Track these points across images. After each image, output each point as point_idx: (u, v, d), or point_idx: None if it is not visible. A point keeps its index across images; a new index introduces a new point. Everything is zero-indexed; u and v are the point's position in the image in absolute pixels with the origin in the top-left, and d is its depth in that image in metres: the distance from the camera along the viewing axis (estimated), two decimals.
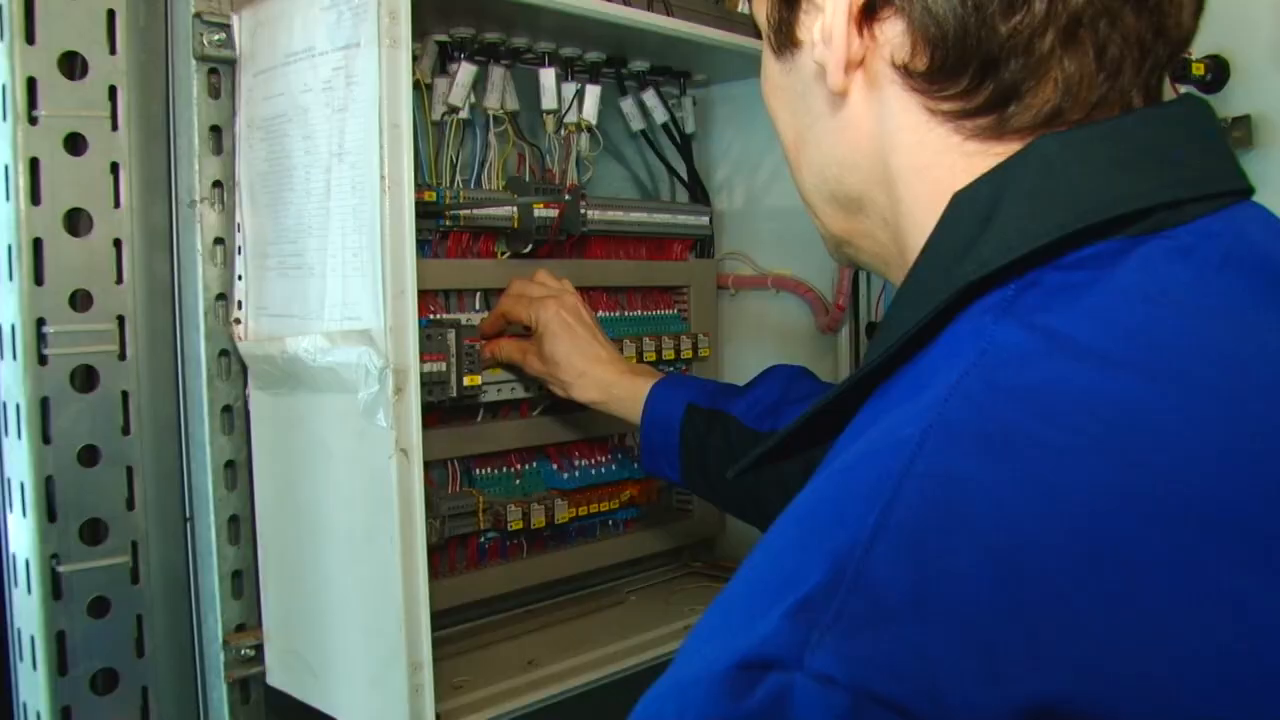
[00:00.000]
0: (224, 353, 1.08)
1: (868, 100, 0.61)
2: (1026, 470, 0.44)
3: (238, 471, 1.10)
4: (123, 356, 0.92)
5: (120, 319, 0.91)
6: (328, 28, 0.97)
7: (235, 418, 1.09)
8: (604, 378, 1.20)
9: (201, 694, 1.11)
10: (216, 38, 1.06)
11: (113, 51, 0.90)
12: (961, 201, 0.56)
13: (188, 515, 1.09)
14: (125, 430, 0.92)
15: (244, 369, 1.09)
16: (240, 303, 1.08)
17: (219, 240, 1.08)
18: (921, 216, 0.60)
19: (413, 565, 0.95)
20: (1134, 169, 0.53)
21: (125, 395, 0.91)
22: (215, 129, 1.08)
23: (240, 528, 1.10)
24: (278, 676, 1.10)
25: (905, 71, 0.58)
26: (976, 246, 0.53)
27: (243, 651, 1.10)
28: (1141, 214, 0.52)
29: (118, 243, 0.91)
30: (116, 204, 0.91)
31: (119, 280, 0.91)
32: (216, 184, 1.08)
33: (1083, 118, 0.55)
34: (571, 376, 1.19)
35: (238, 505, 1.10)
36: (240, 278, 1.08)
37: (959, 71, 0.55)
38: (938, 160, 0.59)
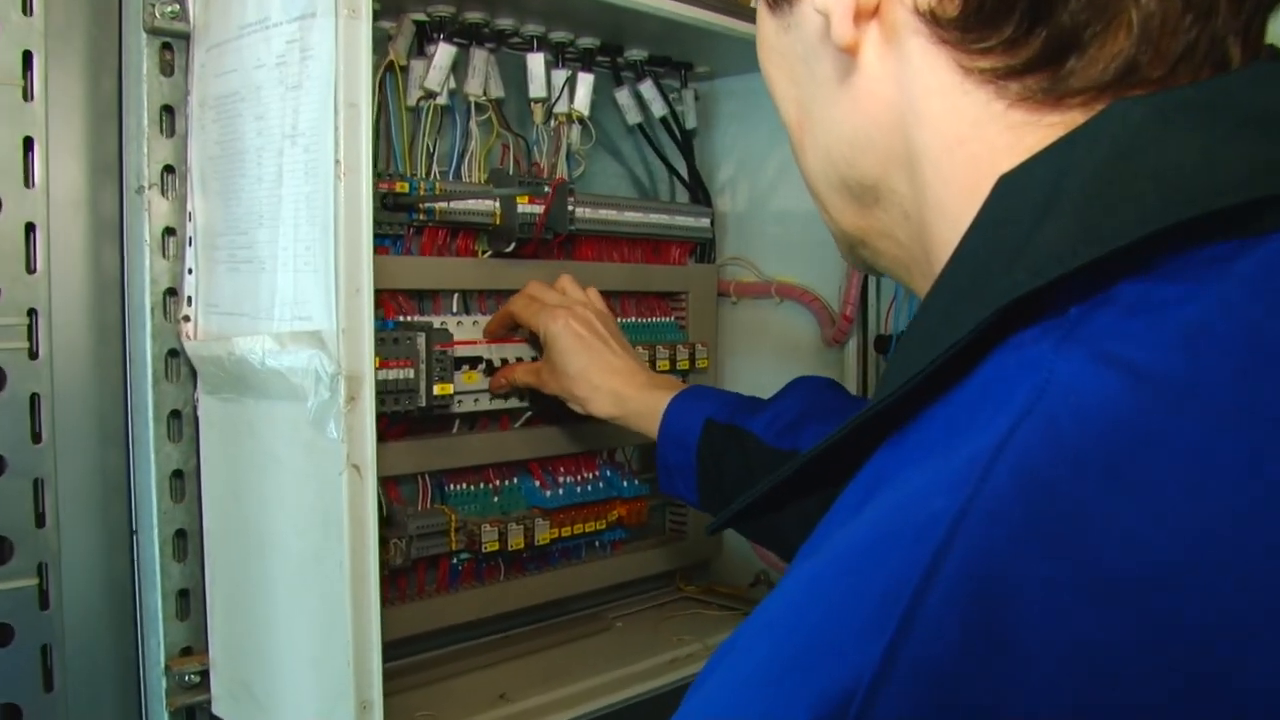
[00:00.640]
0: (173, 353, 0.99)
1: (884, 59, 0.49)
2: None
3: (186, 482, 1.01)
4: (34, 355, 0.82)
5: (32, 312, 0.82)
6: None
7: (184, 424, 1.00)
8: (620, 391, 1.09)
9: None
10: (169, 9, 0.97)
11: (28, 11, 0.80)
12: (1008, 189, 0.44)
13: (133, 528, 1.00)
14: (36, 438, 0.82)
15: (194, 370, 1.00)
16: (190, 299, 0.99)
17: (170, 230, 1.00)
18: (954, 208, 0.47)
19: (363, 594, 0.86)
20: (1247, 145, 0.40)
21: (35, 398, 0.81)
22: (168, 109, 0.99)
23: (189, 543, 1.01)
24: (224, 706, 1.01)
25: (932, 19, 0.46)
26: (1028, 249, 0.40)
27: (187, 678, 1.01)
28: (1256, 207, 0.39)
29: (30, 227, 0.81)
30: (29, 184, 0.81)
31: (30, 269, 0.82)
32: (168, 169, 0.99)
33: (1164, 75, 0.43)
34: (586, 391, 1.10)
35: (185, 519, 1.00)
36: (190, 271, 0.99)
37: (1002, 15, 0.43)
38: (975, 134, 0.46)
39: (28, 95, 0.82)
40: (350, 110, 0.84)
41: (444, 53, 1.09)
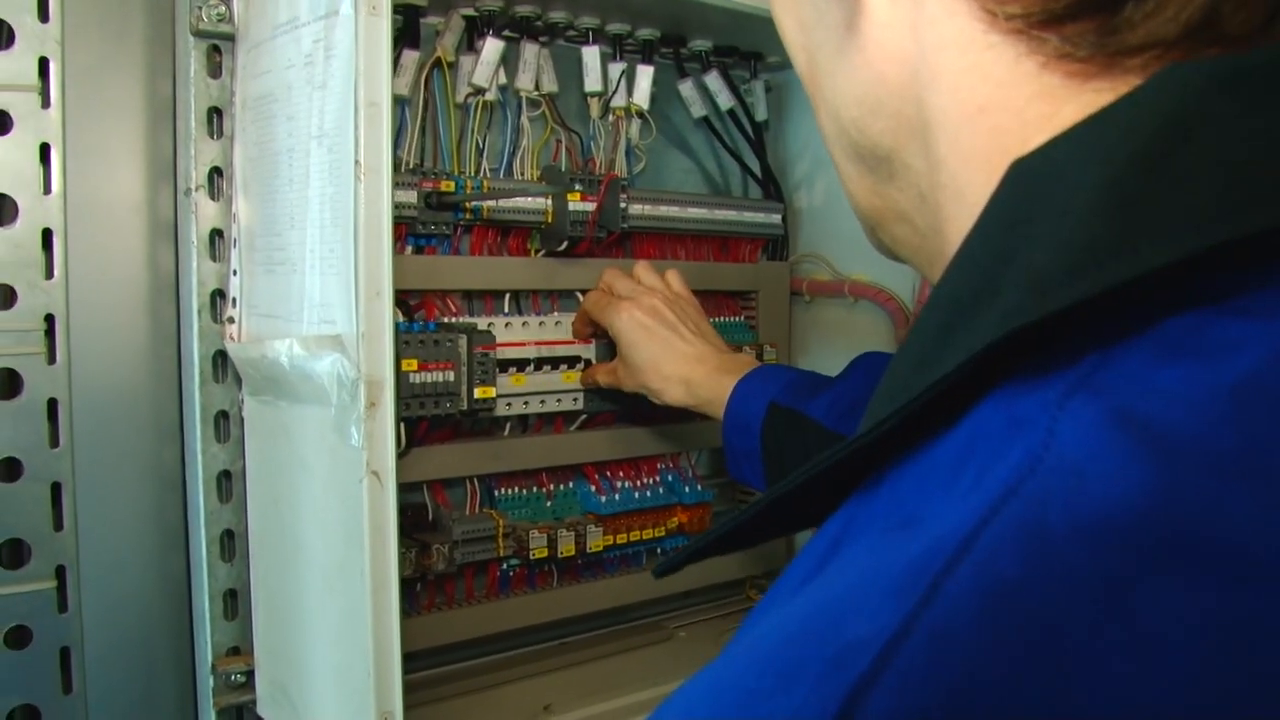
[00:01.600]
0: (220, 354, 1.00)
1: (895, 3, 0.39)
2: None
3: (233, 483, 1.01)
4: (51, 360, 0.82)
5: (49, 318, 0.82)
6: None
7: (232, 425, 1.01)
8: (690, 377, 1.05)
9: None
10: (216, 12, 0.97)
11: (44, 18, 0.80)
12: (1022, 178, 0.34)
13: (186, 529, 1.01)
14: (54, 442, 0.83)
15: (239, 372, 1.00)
16: (234, 300, 0.99)
17: (218, 232, 1.00)
18: (973, 193, 0.37)
19: (384, 604, 0.84)
20: None
21: (53, 403, 0.82)
22: (215, 111, 0.99)
23: (237, 543, 1.02)
24: (267, 707, 1.01)
25: None
26: (1034, 264, 0.30)
27: (233, 677, 1.02)
28: None
29: (47, 233, 0.82)
30: (46, 190, 0.82)
31: (49, 275, 0.82)
32: (216, 170, 0.99)
33: (1256, 31, 0.31)
34: (658, 383, 1.06)
35: (232, 519, 1.01)
36: (235, 273, 0.99)
37: None
38: (1000, 100, 0.36)
39: (45, 102, 0.82)
40: (371, 109, 0.82)
41: (491, 48, 1.06)
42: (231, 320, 0.99)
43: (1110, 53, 0.33)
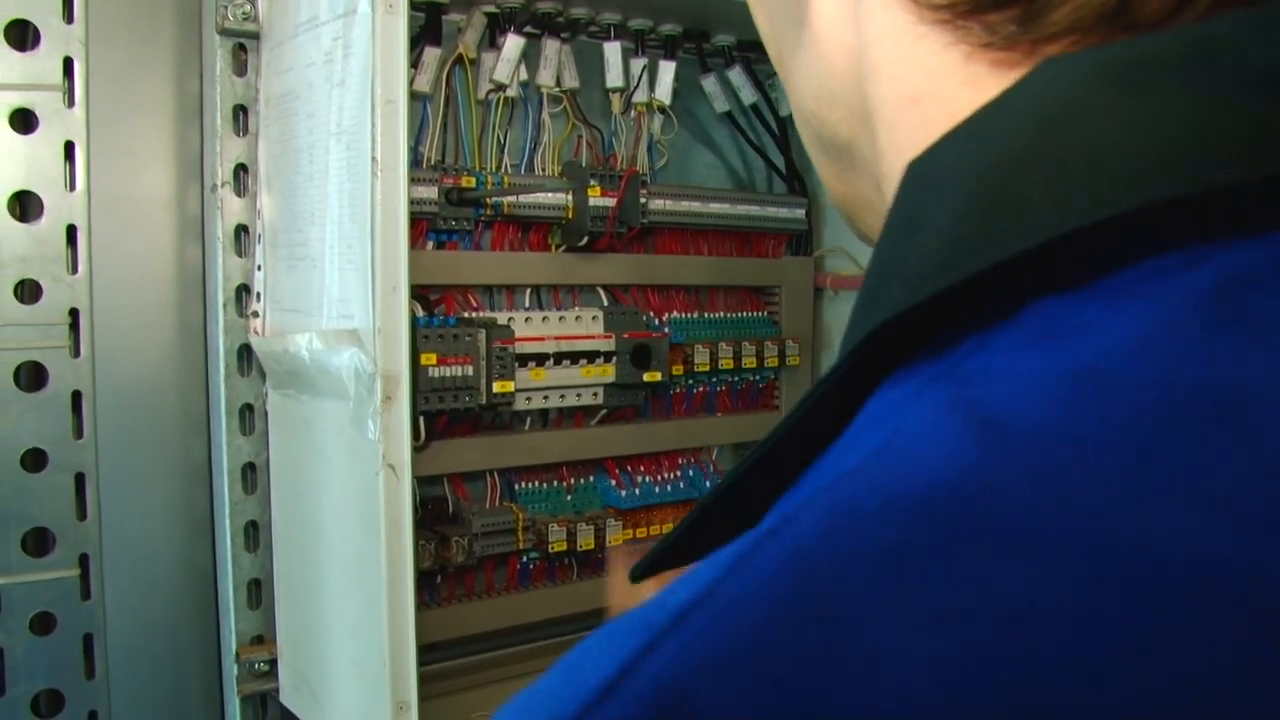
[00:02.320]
0: (245, 348, 1.01)
1: None
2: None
3: (258, 474, 1.03)
4: (75, 353, 0.84)
5: (74, 312, 0.84)
6: None
7: (256, 418, 1.02)
8: None
9: (220, 709, 1.05)
10: (241, 10, 0.99)
11: (69, 19, 0.82)
12: (917, 176, 0.35)
13: (213, 518, 1.03)
14: (78, 433, 0.84)
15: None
16: (258, 295, 1.01)
17: (243, 228, 1.02)
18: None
19: (400, 595, 0.85)
20: (1226, 113, 0.29)
21: (77, 396, 0.84)
22: (241, 108, 1.01)
23: (261, 534, 1.03)
24: (289, 696, 1.02)
25: None
26: (910, 257, 0.32)
27: (257, 665, 1.03)
28: (1234, 198, 0.29)
29: (72, 229, 0.83)
30: (70, 187, 0.83)
31: (73, 270, 0.84)
32: (242, 167, 1.01)
33: (1167, 15, 0.32)
34: None
35: (256, 510, 1.03)
36: (259, 268, 1.01)
37: None
38: (930, 90, 0.36)
39: (69, 101, 0.83)
40: (388, 107, 0.83)
41: (512, 44, 1.07)
42: (256, 314, 1.01)
43: (1032, 39, 0.34)
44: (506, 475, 1.13)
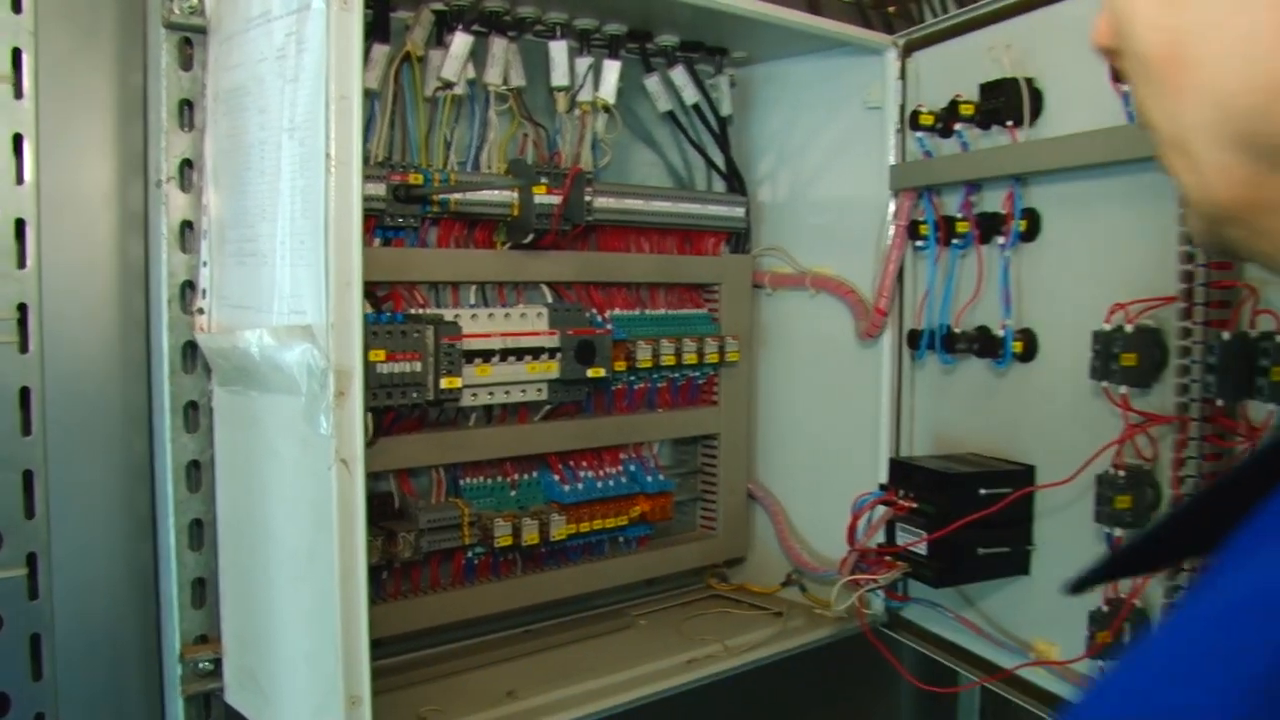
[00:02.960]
0: (190, 345, 1.00)
1: None
2: None
3: (202, 472, 1.02)
4: (23, 349, 0.83)
5: (22, 307, 0.83)
6: None
7: (201, 415, 1.01)
8: None
9: (161, 709, 1.04)
10: (187, 4, 0.98)
11: (17, 9, 0.81)
12: None
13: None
14: (26, 430, 0.83)
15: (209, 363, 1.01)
16: (204, 291, 1.00)
17: (188, 224, 1.01)
18: None
19: (352, 590, 0.85)
20: None
21: (25, 392, 0.82)
22: (186, 103, 1.00)
23: (205, 533, 1.02)
24: (234, 695, 1.02)
25: None
26: None
27: (200, 665, 1.02)
28: None
29: (20, 223, 0.82)
30: (19, 180, 0.82)
31: (21, 264, 0.83)
32: (187, 163, 1.00)
33: None
34: None
35: (201, 508, 1.02)
36: (205, 264, 1.00)
37: None
38: None
39: (17, 93, 0.82)
40: (342, 103, 0.83)
41: (460, 42, 1.08)
42: (201, 311, 1.00)
43: None
44: (452, 471, 1.14)
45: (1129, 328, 0.96)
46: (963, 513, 1.07)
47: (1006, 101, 1.09)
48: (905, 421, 1.28)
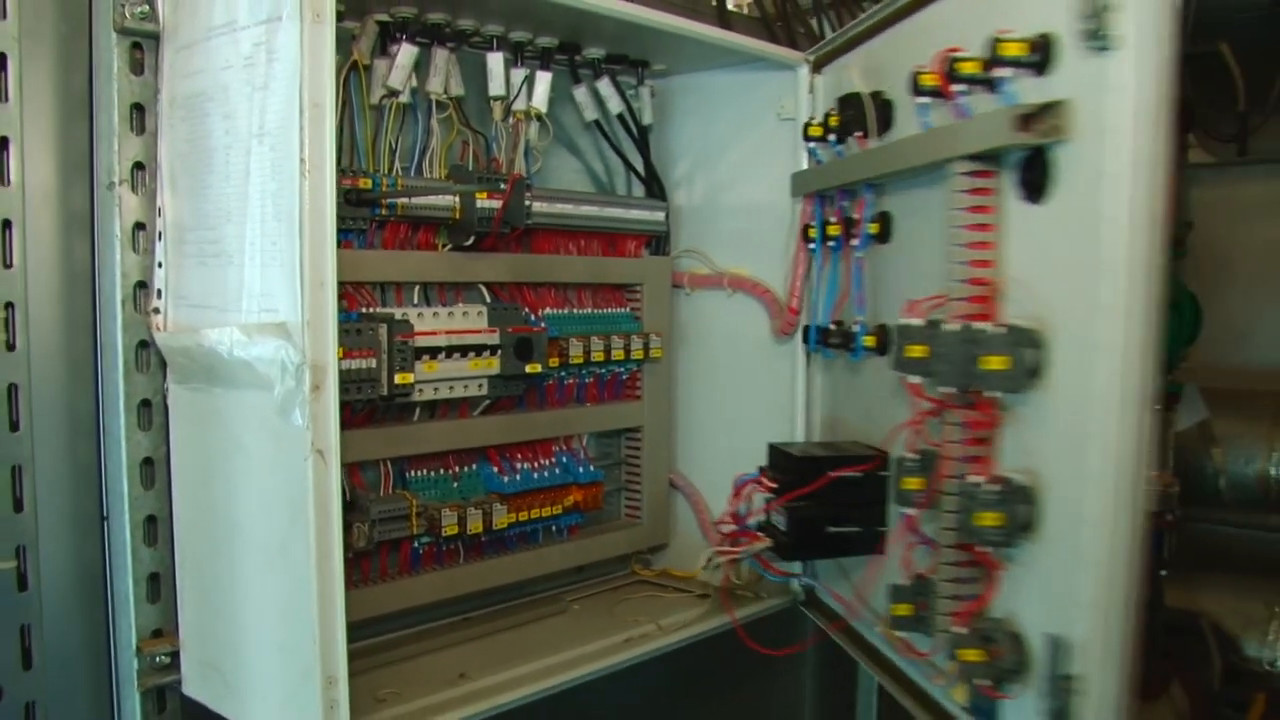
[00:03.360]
0: (143, 344, 1.02)
1: None
2: None
3: (156, 469, 1.04)
4: (11, 347, 0.85)
5: (9, 306, 0.85)
6: (250, 0, 0.91)
7: (154, 413, 1.03)
8: None
9: (115, 704, 1.05)
10: (139, 10, 1.00)
11: (2, 15, 0.83)
12: None
13: (104, 514, 1.03)
14: (13, 426, 0.85)
15: (164, 361, 1.03)
16: (160, 291, 1.02)
17: (140, 225, 1.03)
18: None
19: (329, 574, 0.89)
20: None
21: (13, 389, 0.84)
22: (138, 107, 1.02)
23: (159, 529, 1.04)
24: (193, 686, 1.04)
25: None
26: None
27: (157, 659, 1.04)
28: None
29: (6, 224, 0.84)
30: (5, 181, 0.84)
31: (7, 264, 0.85)
32: (139, 165, 1.02)
33: None
34: None
35: (155, 505, 1.04)
36: (160, 265, 1.02)
37: None
38: None
39: (3, 96, 0.84)
40: (315, 110, 0.87)
41: (406, 52, 1.12)
42: (157, 310, 1.03)
43: None
44: (399, 464, 1.18)
45: (917, 322, 1.02)
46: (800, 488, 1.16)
47: (855, 114, 1.20)
48: (810, 412, 1.37)
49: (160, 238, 1.02)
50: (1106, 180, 0.82)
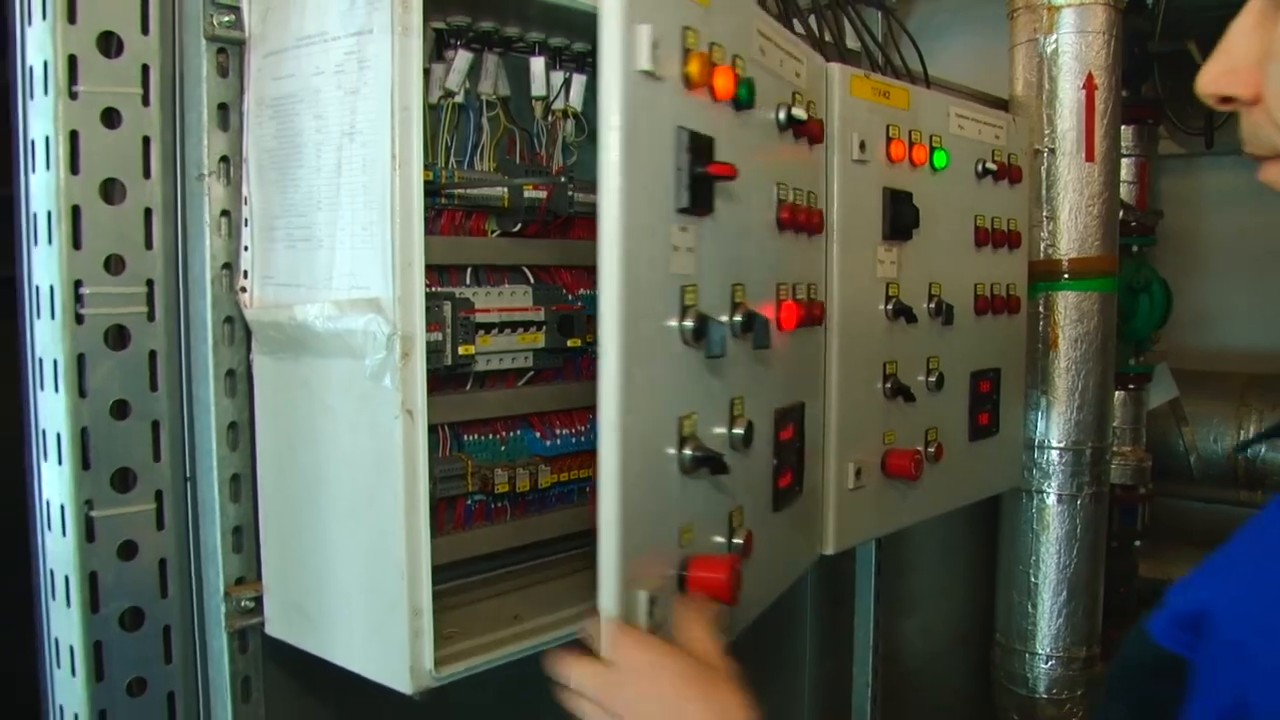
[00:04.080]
0: (228, 319, 1.14)
1: None
2: None
3: (240, 432, 1.16)
4: (151, 318, 0.97)
5: (150, 282, 0.97)
6: (340, 14, 1.03)
7: (238, 381, 1.15)
8: None
9: (200, 644, 1.16)
10: (226, 19, 1.12)
11: (145, 32, 0.95)
12: None
13: (188, 475, 1.14)
14: (153, 387, 0.98)
15: (248, 334, 1.15)
16: (246, 272, 1.14)
17: (225, 213, 1.14)
18: None
19: (416, 517, 1.02)
20: None
21: (153, 354, 0.97)
22: (222, 106, 1.13)
23: (241, 486, 1.16)
24: (277, 626, 1.16)
25: None
26: None
27: (243, 603, 1.16)
28: None
29: (148, 211, 0.97)
30: (146, 175, 0.97)
31: (149, 246, 0.97)
32: (224, 159, 1.14)
33: None
34: None
35: (239, 464, 1.15)
36: (246, 248, 1.14)
37: None
38: None
39: (145, 101, 0.96)
40: (404, 113, 1.00)
41: (463, 58, 1.25)
42: (244, 289, 1.15)
43: None
44: (455, 429, 1.31)
45: None
46: None
47: None
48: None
49: (246, 224, 1.14)
50: None
